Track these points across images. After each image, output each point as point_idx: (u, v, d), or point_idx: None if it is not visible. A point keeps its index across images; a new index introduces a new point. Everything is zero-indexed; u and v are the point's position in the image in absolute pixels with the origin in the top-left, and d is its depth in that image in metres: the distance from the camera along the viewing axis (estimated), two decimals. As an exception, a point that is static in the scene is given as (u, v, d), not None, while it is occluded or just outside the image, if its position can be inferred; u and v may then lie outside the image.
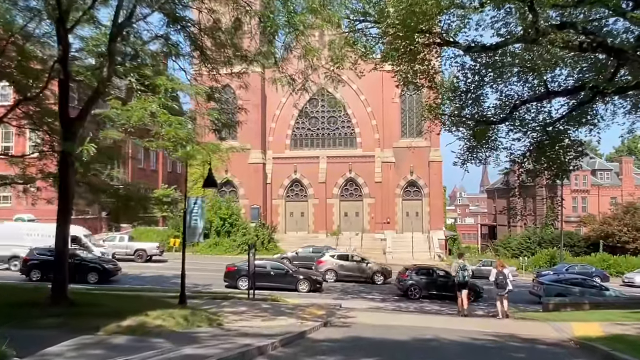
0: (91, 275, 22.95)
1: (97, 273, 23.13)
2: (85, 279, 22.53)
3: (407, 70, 18.75)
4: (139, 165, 51.67)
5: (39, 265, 23.19)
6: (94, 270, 23.19)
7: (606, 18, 15.65)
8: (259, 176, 44.83)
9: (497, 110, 20.33)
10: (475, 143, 22.30)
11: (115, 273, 24.10)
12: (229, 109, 15.40)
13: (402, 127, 45.44)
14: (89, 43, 10.43)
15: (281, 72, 12.76)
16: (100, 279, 22.99)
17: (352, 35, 18.17)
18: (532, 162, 22.58)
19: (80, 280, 22.29)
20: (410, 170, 44.40)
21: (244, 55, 12.45)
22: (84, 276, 22.64)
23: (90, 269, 23.15)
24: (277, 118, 46.34)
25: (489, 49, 16.82)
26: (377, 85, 44.41)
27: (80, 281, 22.14)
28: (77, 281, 22.00)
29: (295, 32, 9.52)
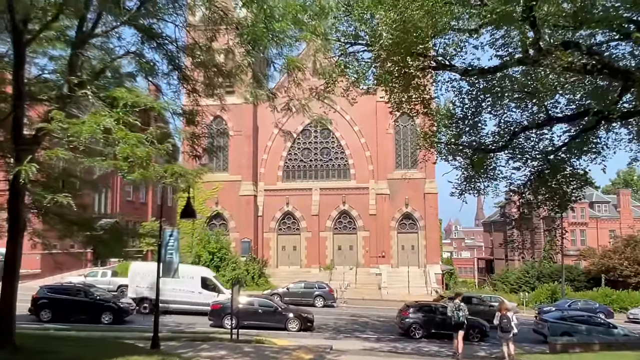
0: (105, 315, 21.53)
1: (112, 312, 21.71)
2: (98, 319, 21.24)
3: (401, 96, 17.82)
4: (128, 197, 50.42)
5: (50, 305, 21.67)
6: (109, 310, 21.74)
7: (610, 42, 14.86)
8: (250, 209, 43.60)
9: (495, 137, 19.38)
10: (473, 172, 21.28)
11: (131, 312, 22.64)
12: (212, 134, 14.24)
13: (396, 159, 44.55)
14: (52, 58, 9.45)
15: (261, 88, 11.64)
16: (115, 318, 21.57)
17: (344, 60, 17.26)
18: (532, 192, 21.57)
19: (93, 320, 21.03)
20: (405, 202, 43.31)
21: (225, 73, 11.39)
22: (98, 316, 21.38)
23: (104, 308, 21.74)
24: (269, 149, 45.41)
25: (488, 72, 15.96)
26: (371, 115, 43.81)
27: (93, 321, 20.92)
28: (89, 321, 20.74)
29: (274, 41, 8.56)
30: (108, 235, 16.21)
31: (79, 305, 21.66)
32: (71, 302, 21.71)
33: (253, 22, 8.37)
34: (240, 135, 43.98)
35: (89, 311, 21.42)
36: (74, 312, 21.51)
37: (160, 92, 12.79)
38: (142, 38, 11.19)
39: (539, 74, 16.64)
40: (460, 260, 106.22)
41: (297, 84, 10.51)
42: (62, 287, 23.32)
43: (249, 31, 8.35)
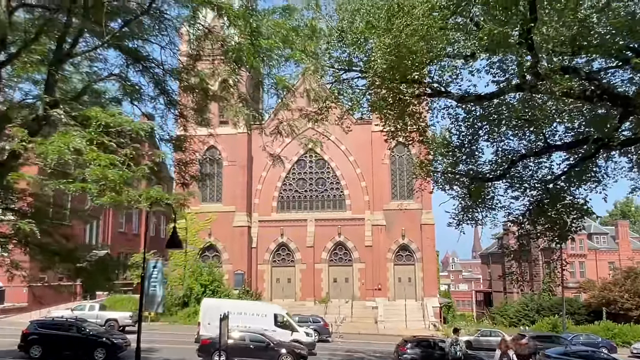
0: (98, 352, 20.62)
1: (105, 348, 20.77)
2: (91, 355, 20.39)
3: (396, 123, 17.42)
4: (120, 228, 49.62)
5: (40, 341, 20.79)
6: (102, 346, 20.80)
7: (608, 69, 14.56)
8: (243, 240, 42.81)
9: (493, 166, 18.95)
10: (471, 202, 20.78)
11: (125, 348, 21.61)
12: (200, 161, 13.75)
13: (392, 189, 44.07)
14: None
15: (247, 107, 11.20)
16: (109, 355, 20.70)
17: (337, 86, 16.89)
18: (531, 222, 21.04)
19: (85, 356, 20.22)
20: (401, 233, 42.63)
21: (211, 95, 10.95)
22: (90, 352, 20.49)
23: (97, 344, 20.82)
24: (263, 179, 44.92)
25: (484, 99, 15.60)
26: (367, 145, 43.52)
27: (86, 357, 20.12)
28: (82, 358, 19.79)
29: (261, 58, 8.14)
30: (93, 267, 15.56)
31: (70, 341, 20.83)
32: (63, 337, 20.89)
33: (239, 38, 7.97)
34: (235, 166, 43.55)
35: (82, 347, 20.55)
36: (65, 348, 20.68)
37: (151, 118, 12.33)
38: (127, 60, 10.80)
39: (537, 101, 16.33)
40: (458, 293, 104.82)
41: (287, 105, 10.01)
42: (53, 322, 22.44)
43: (234, 48, 7.94)
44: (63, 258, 14.62)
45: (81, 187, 6.74)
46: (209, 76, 11.48)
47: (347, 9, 14.78)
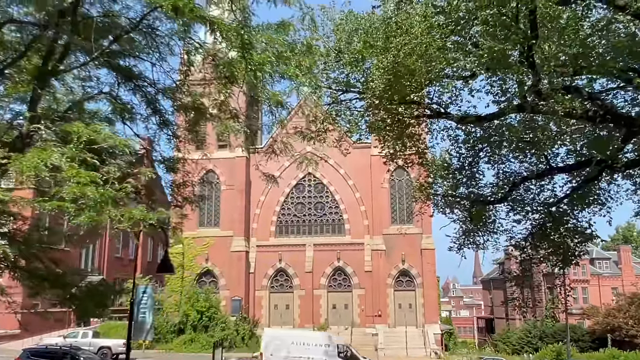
0: None
1: None
2: None
3: (395, 144, 17.11)
4: (116, 253, 48.98)
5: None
6: None
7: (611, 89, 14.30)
8: (241, 265, 42.16)
9: (494, 188, 18.59)
10: (472, 226, 20.38)
11: None
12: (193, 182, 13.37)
13: (392, 213, 43.60)
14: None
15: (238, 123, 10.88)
16: None
17: (335, 107, 16.58)
18: (534, 247, 20.60)
19: None
20: (401, 258, 42.01)
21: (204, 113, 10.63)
22: None
23: None
24: (261, 204, 44.48)
25: (485, 120, 15.31)
26: (366, 169, 43.24)
27: None
28: None
29: (253, 72, 7.82)
30: (83, 293, 15.05)
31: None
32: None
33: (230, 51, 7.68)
34: (233, 190, 43.19)
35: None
36: (59, 377, 20.01)
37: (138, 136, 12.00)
38: (118, 78, 10.51)
39: (538, 122, 16.06)
40: (459, 319, 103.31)
41: (282, 123, 9.70)
42: (46, 350, 21.78)
43: (225, 62, 7.64)
44: (52, 283, 14.11)
45: (57, 205, 6.36)
46: (201, 94, 11.20)
47: (344, 29, 14.63)
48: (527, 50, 10.64)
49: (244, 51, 7.28)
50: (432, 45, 12.09)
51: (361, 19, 14.30)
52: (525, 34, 10.76)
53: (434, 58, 12.50)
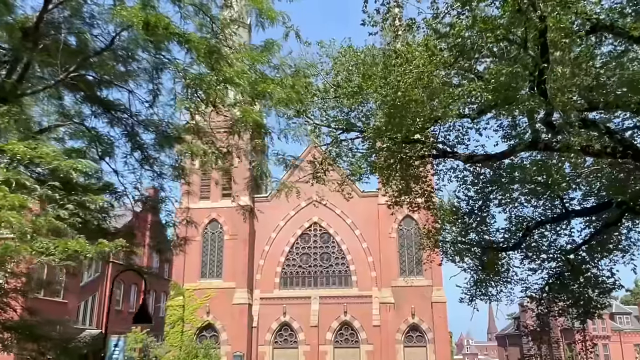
0: None
1: None
2: None
3: (399, 186, 16.06)
4: (117, 306, 47.32)
5: None
6: None
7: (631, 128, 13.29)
8: (243, 319, 40.39)
9: (507, 234, 17.35)
10: (484, 275, 19.04)
11: None
12: (175, 223, 12.33)
13: (401, 264, 41.98)
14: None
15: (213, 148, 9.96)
16: None
17: (335, 150, 15.59)
18: (551, 298, 19.11)
19: None
20: (411, 312, 40.09)
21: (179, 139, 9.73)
22: None
23: None
24: (266, 254, 43.15)
25: (494, 159, 14.30)
26: (373, 219, 42.06)
27: None
28: None
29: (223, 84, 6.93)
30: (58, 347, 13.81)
31: None
32: None
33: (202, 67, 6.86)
34: (236, 239, 42.01)
35: None
36: None
37: (117, 173, 11.08)
38: (93, 108, 9.70)
39: (553, 161, 15.02)
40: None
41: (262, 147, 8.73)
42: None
43: (193, 76, 6.78)
44: (24, 335, 12.87)
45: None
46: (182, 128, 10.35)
47: (343, 63, 13.90)
48: (538, 75, 9.71)
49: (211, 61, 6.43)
50: (436, 76, 11.27)
51: (360, 53, 13.58)
52: (535, 60, 9.88)
53: (437, 91, 11.65)
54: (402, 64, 11.19)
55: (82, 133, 9.32)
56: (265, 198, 44.66)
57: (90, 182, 11.13)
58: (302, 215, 43.62)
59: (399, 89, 11.35)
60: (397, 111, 12.07)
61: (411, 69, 11.05)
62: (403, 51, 11.33)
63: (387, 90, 11.92)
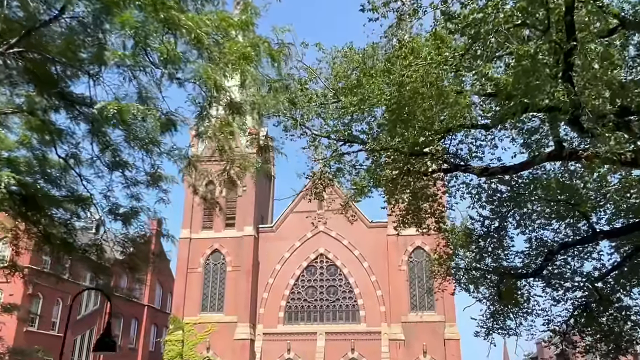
0: None
1: None
2: None
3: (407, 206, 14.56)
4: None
5: None
6: None
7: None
8: (245, 355, 38.24)
9: (527, 258, 15.71)
10: (501, 306, 17.31)
11: None
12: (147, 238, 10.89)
13: (411, 299, 39.86)
14: None
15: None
16: None
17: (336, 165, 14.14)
18: (578, 332, 17.26)
19: None
20: (423, 349, 37.74)
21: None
22: None
23: None
24: (269, 287, 41.28)
25: (511, 171, 12.79)
26: (382, 250, 40.29)
27: None
28: None
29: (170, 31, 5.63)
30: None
31: None
32: None
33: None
34: (239, 271, 40.29)
35: None
36: None
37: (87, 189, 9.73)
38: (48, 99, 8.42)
39: (577, 175, 13.48)
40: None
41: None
42: None
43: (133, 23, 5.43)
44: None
45: None
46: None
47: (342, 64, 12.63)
48: (564, 59, 8.31)
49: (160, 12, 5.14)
50: (445, 70, 9.92)
51: (360, 54, 12.31)
52: (559, 44, 8.50)
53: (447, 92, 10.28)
54: (406, 55, 9.87)
55: (39, 126, 8.04)
56: (270, 228, 43.19)
57: (49, 186, 9.81)
58: (307, 247, 41.93)
59: (404, 85, 10.01)
60: (402, 112, 10.70)
61: (417, 62, 9.73)
62: (408, 41, 10.02)
63: (391, 88, 10.59)
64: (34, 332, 35.28)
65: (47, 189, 9.76)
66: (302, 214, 42.52)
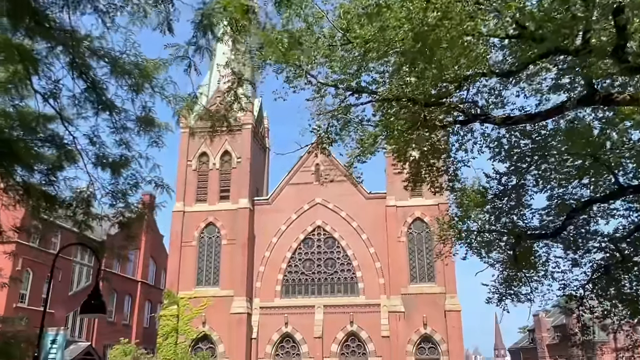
0: None
1: None
2: None
3: (418, 165, 13.46)
4: (109, 318, 44.47)
5: None
6: None
7: None
8: (242, 329, 37.50)
9: (547, 217, 14.72)
10: (515, 270, 16.36)
11: None
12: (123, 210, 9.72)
13: (411, 270, 39.14)
14: None
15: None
16: None
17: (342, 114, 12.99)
18: (596, 296, 16.43)
19: None
20: (423, 321, 37.16)
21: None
22: None
23: None
24: (266, 260, 40.40)
25: (537, 118, 11.71)
26: (380, 222, 39.44)
27: None
28: None
29: None
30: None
31: None
32: None
33: None
34: (234, 244, 39.31)
35: None
36: None
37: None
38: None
39: (607, 122, 12.42)
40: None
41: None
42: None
43: None
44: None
45: None
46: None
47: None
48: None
49: None
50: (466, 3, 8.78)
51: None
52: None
53: (467, 32, 9.13)
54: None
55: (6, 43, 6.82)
56: (266, 201, 42.14)
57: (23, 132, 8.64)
58: (304, 219, 40.95)
59: (422, 23, 8.84)
60: (422, 51, 9.49)
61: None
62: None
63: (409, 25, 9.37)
64: (24, 308, 34.19)
65: (21, 134, 8.57)
66: (299, 186, 41.54)
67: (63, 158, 9.10)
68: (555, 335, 55.70)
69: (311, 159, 42.06)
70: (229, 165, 41.31)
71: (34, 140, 8.76)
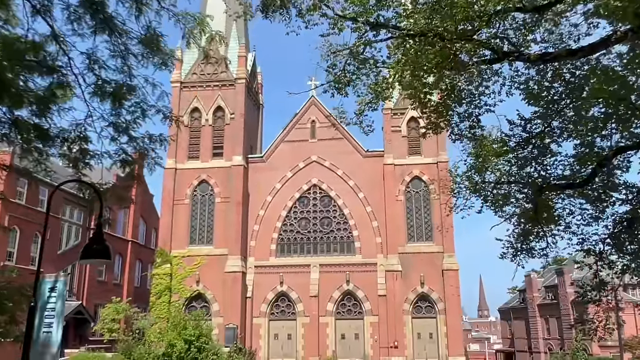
0: None
1: None
2: None
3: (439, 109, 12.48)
4: (99, 277, 43.68)
5: None
6: None
7: None
8: (237, 288, 36.97)
9: (575, 166, 13.87)
10: (532, 225, 15.60)
11: None
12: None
13: (408, 229, 38.63)
14: None
15: None
16: None
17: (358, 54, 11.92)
18: (616, 250, 15.77)
19: None
20: (420, 280, 36.89)
21: None
22: None
23: None
24: (261, 219, 39.61)
25: (580, 53, 10.71)
26: (378, 180, 38.67)
27: None
28: None
29: None
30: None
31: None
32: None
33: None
34: (228, 202, 38.37)
35: None
36: None
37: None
38: None
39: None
40: (471, 353, 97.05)
41: None
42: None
43: None
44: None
45: None
46: None
47: None
48: None
49: None
50: None
51: None
52: None
53: None
54: None
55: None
56: (260, 158, 41.07)
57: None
58: (300, 177, 40.02)
59: None
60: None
61: None
62: None
63: None
64: (12, 266, 33.17)
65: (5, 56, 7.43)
66: (294, 144, 40.46)
67: (56, 85, 7.96)
68: (546, 295, 56.20)
69: (307, 116, 40.88)
70: (222, 122, 39.95)
71: (22, 63, 7.60)
